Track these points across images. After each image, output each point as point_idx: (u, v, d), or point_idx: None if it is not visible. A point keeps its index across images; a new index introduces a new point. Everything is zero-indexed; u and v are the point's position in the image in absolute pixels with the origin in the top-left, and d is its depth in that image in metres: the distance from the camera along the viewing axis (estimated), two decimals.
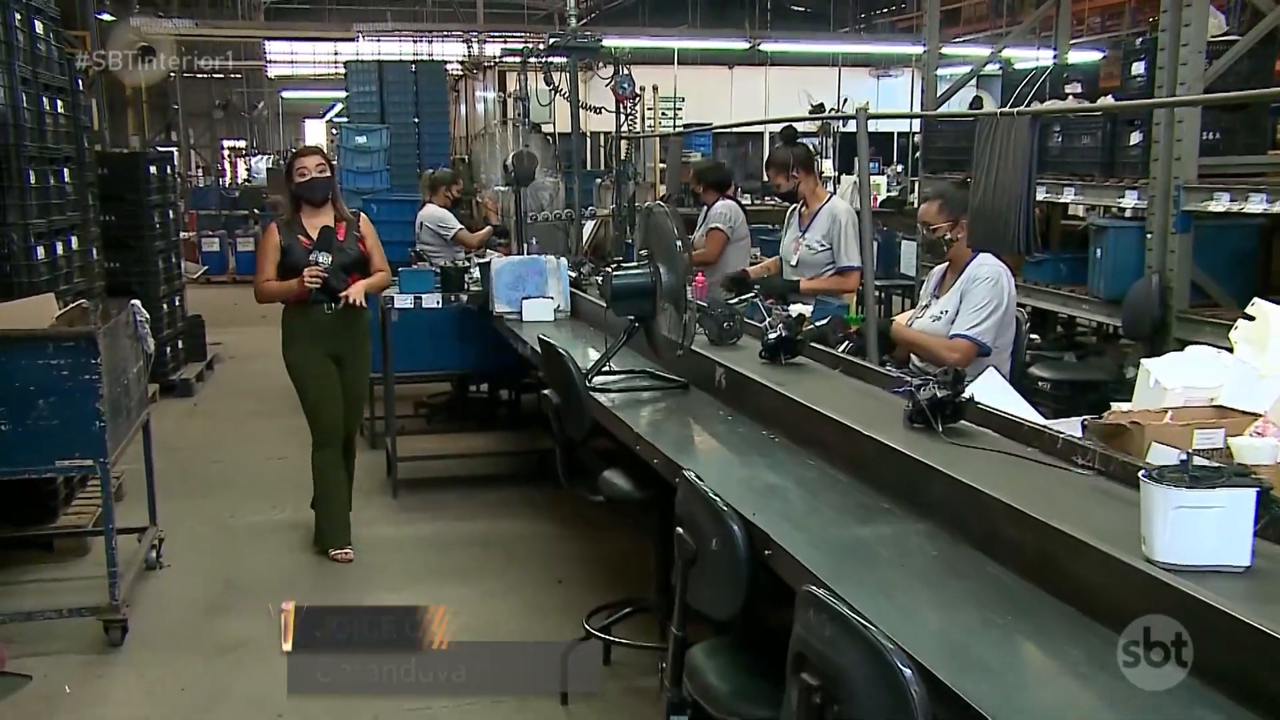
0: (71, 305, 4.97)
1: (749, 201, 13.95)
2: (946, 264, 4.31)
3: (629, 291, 4.04)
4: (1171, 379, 2.82)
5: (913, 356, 4.30)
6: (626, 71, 6.95)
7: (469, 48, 22.11)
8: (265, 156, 27.43)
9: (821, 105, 17.02)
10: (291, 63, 24.60)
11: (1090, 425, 2.78)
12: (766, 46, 17.55)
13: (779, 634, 2.83)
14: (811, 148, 5.98)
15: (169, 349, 8.78)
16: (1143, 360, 3.08)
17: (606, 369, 4.15)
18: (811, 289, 5.30)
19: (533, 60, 6.98)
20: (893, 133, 19.50)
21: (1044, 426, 2.87)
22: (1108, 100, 6.54)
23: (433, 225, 7.63)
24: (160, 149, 15.05)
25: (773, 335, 3.87)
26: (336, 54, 23.43)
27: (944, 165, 7.50)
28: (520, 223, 6.58)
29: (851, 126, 18.68)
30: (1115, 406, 2.95)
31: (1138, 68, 5.75)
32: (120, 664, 4.24)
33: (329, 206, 5.12)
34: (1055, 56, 7.89)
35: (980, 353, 4.08)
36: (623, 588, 4.55)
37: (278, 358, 5.35)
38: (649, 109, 10.91)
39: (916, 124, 18.33)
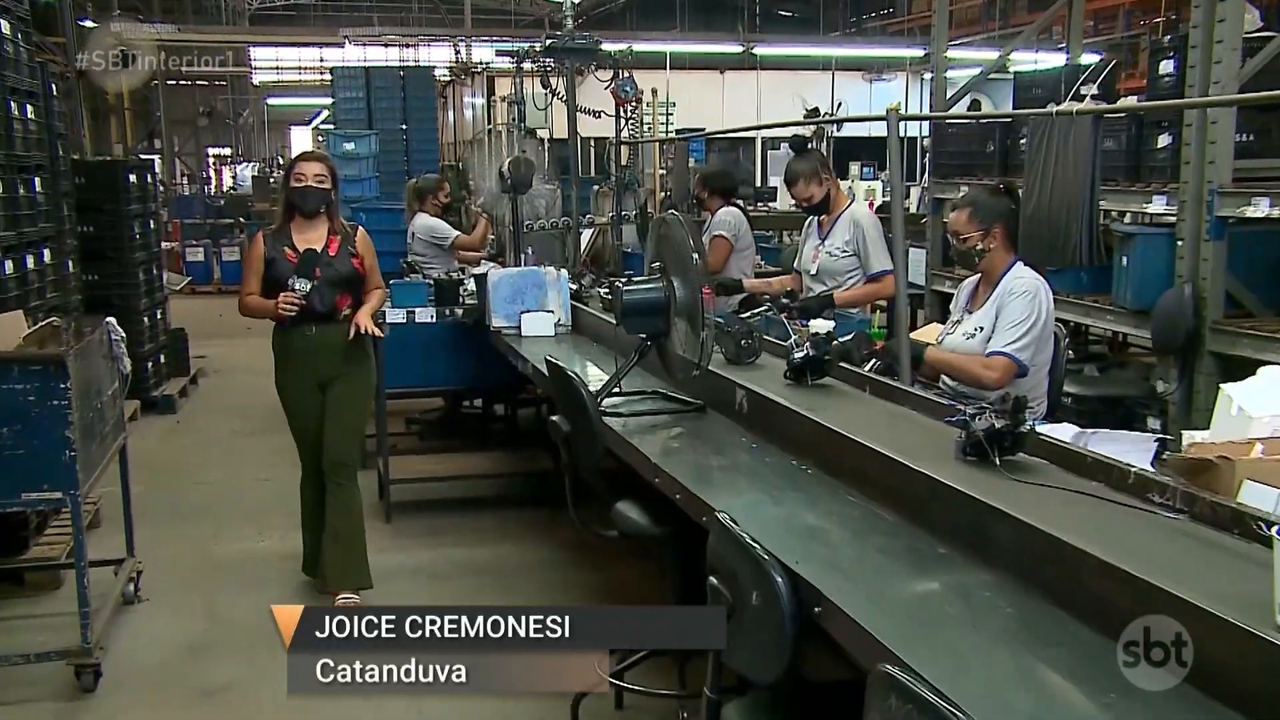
0: (43, 323, 4.67)
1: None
2: (979, 276, 4.03)
3: (640, 308, 3.75)
4: (1257, 406, 2.55)
5: (943, 376, 4.02)
6: (628, 74, 6.66)
7: (457, 53, 21.86)
8: (251, 164, 27.15)
9: (816, 109, 16.77)
10: (277, 69, 24.32)
11: (1170, 459, 2.50)
12: (760, 50, 17.29)
13: (819, 690, 2.57)
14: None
15: (150, 364, 8.46)
16: (1223, 386, 2.80)
17: (616, 390, 3.87)
18: (848, 300, 5.00)
19: (528, 64, 6.67)
20: (885, 137, 19.22)
21: (1111, 459, 2.59)
22: (1130, 101, 6.27)
23: (426, 236, 7.29)
24: (143, 157, 14.70)
25: (799, 355, 3.58)
26: (322, 60, 23.17)
27: (955, 170, 7.24)
28: (517, 232, 6.28)
29: (847, 131, 18.59)
30: (1189, 436, 2.66)
31: (1166, 66, 5.49)
32: (92, 712, 3.93)
33: (323, 219, 4.66)
34: (1067, 58, 7.64)
35: (1018, 372, 3.80)
36: None
37: (264, 372, 5.07)
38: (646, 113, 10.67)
39: (913, 128, 18.14)
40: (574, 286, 5.81)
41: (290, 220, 4.66)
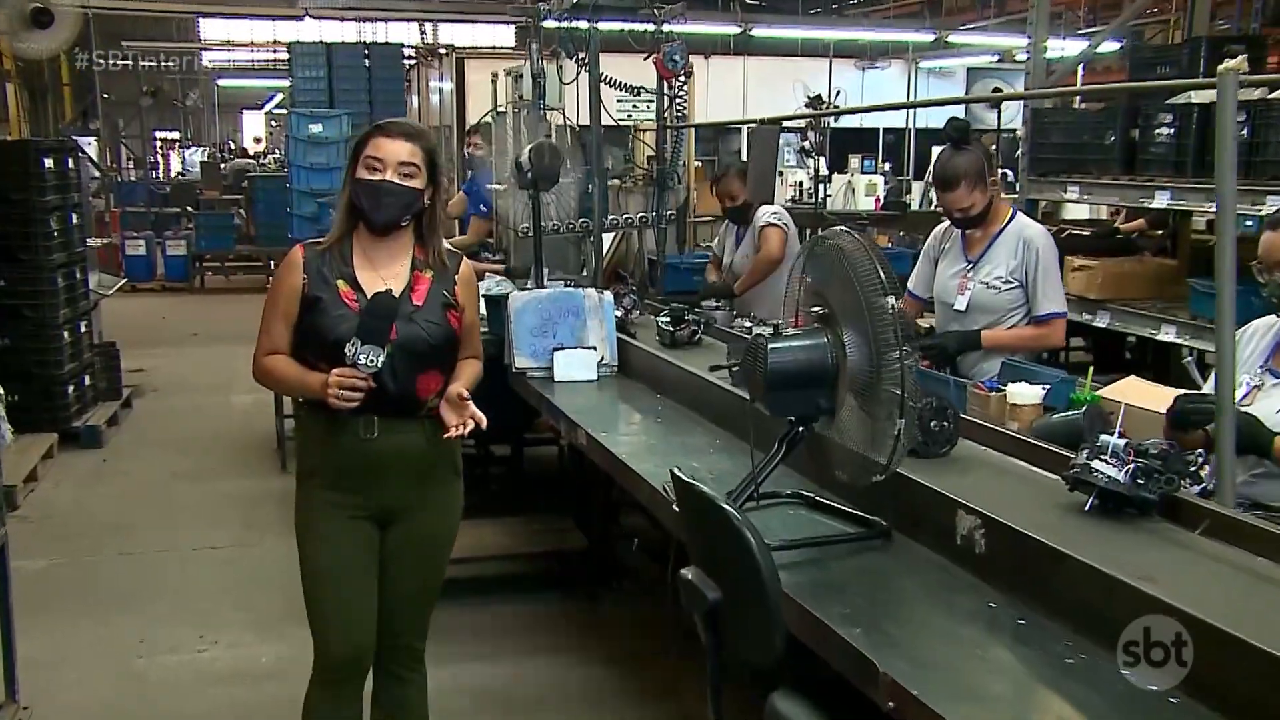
0: None
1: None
2: None
3: (794, 377, 2.42)
4: None
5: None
6: (677, 42, 5.31)
7: (423, 33, 20.37)
8: (200, 149, 25.46)
9: (819, 97, 15.51)
10: (229, 47, 22.71)
11: None
12: (758, 31, 15.96)
13: None
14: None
15: (71, 388, 7.01)
16: None
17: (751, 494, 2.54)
18: (1000, 343, 3.71)
19: (551, 23, 5.30)
20: (879, 129, 18.18)
21: None
22: None
23: None
24: (76, 138, 13.09)
25: (1109, 471, 2.19)
26: (275, 39, 21.61)
27: (1059, 167, 5.94)
28: (538, 238, 4.93)
29: (845, 122, 17.37)
30: None
31: None
32: None
33: (405, 238, 2.74)
34: (1187, 35, 6.41)
35: None
36: None
37: (213, 389, 3.74)
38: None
39: (921, 117, 16.87)
40: (619, 313, 4.47)
41: (352, 232, 2.74)
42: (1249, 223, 5.16)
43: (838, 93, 17.78)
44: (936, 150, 15.78)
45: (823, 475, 2.68)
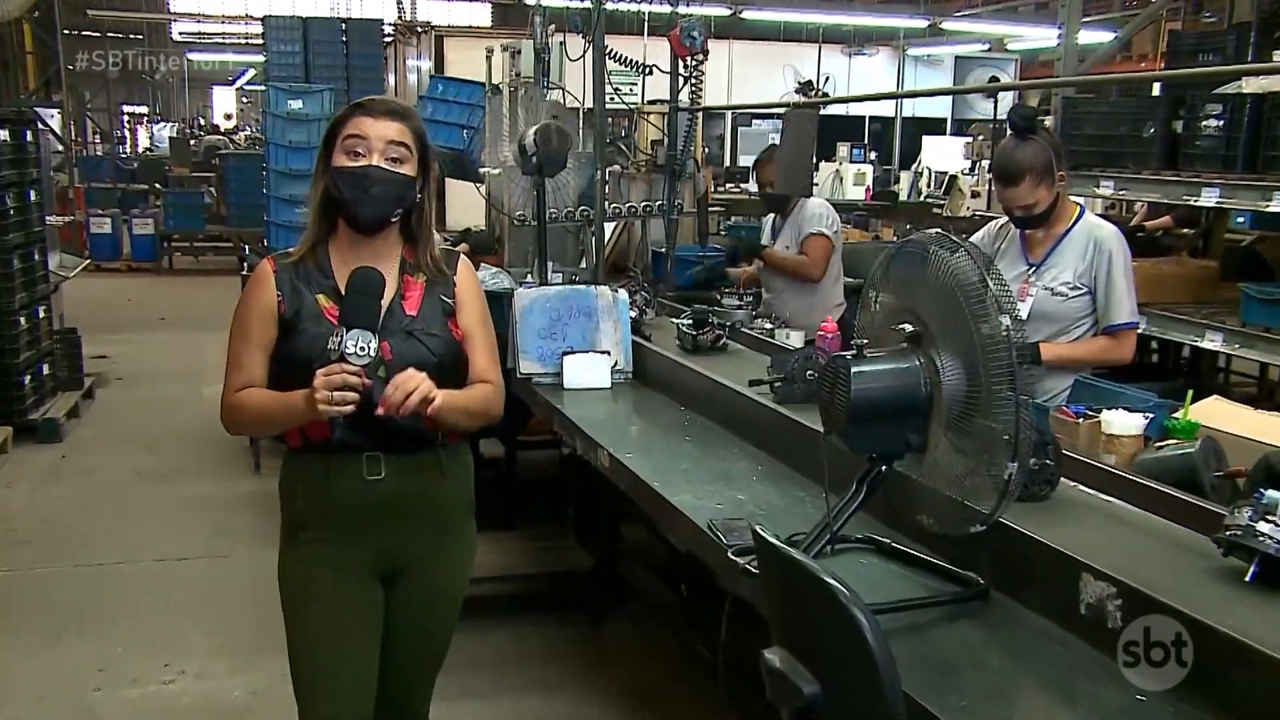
0: None
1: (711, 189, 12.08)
2: None
3: (880, 408, 2.05)
4: None
5: None
6: (696, 19, 4.90)
7: (400, 10, 19.90)
8: (169, 124, 24.82)
9: (810, 83, 15.14)
10: (199, 19, 22.09)
11: None
12: (748, 14, 15.55)
13: None
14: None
15: (28, 377, 6.54)
16: None
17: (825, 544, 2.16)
18: (1063, 359, 3.32)
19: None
20: (864, 117, 17.85)
21: None
22: None
23: None
24: (39, 110, 12.54)
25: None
26: (248, 14, 21.07)
27: (1094, 159, 5.56)
28: (543, 230, 4.52)
29: (831, 109, 17.01)
30: None
31: None
32: None
33: (393, 238, 2.29)
34: (1216, 18, 6.08)
35: None
36: None
37: (182, 378, 3.39)
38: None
39: (925, 106, 16.59)
40: (631, 313, 4.07)
41: (329, 237, 2.30)
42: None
43: (826, 79, 17.45)
44: (927, 140, 15.44)
45: (894, 516, 2.32)
